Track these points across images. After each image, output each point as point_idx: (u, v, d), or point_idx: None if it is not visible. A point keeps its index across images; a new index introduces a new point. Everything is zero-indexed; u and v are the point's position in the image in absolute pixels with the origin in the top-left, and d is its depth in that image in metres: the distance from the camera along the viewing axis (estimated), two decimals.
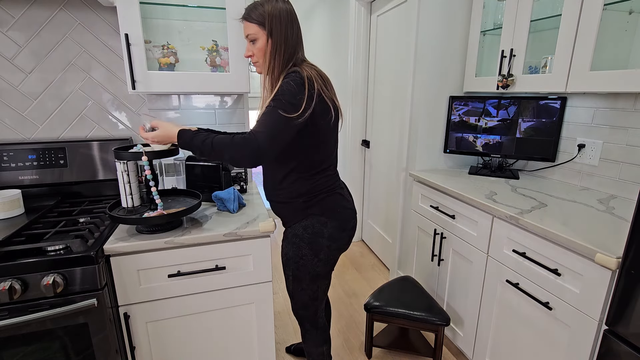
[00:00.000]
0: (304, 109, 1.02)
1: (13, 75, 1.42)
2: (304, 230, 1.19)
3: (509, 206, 1.39)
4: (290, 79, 1.04)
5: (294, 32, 1.10)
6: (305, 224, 1.19)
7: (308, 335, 1.38)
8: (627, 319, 0.95)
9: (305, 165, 1.16)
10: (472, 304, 1.61)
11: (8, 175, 1.41)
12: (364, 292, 2.43)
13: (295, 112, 1.01)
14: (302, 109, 1.02)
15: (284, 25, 1.07)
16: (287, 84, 1.03)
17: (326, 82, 1.12)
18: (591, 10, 1.31)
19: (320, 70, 1.13)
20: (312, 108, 1.04)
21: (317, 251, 1.19)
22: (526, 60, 1.65)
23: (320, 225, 1.18)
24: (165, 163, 1.54)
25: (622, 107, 1.49)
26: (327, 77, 1.14)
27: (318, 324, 1.36)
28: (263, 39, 1.08)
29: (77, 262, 1.02)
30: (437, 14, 1.92)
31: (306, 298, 1.28)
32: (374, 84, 2.75)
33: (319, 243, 1.19)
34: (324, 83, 1.10)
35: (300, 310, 1.32)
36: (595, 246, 1.04)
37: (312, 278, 1.23)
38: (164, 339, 1.23)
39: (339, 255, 1.26)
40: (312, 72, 1.07)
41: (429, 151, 2.12)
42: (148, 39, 1.42)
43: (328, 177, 1.21)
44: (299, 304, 1.31)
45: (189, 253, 1.17)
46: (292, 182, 1.18)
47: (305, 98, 1.02)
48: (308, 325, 1.36)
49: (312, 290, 1.26)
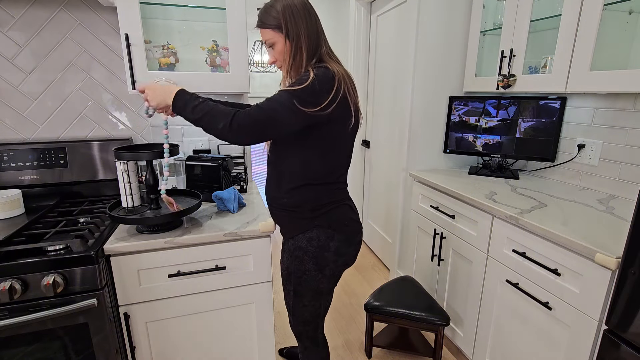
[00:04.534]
0: (322, 107, 0.93)
1: (13, 75, 1.42)
2: (308, 243, 1.09)
3: (509, 206, 1.39)
4: (319, 72, 0.94)
5: (313, 24, 1.01)
6: (310, 236, 1.09)
7: (307, 352, 1.30)
8: (627, 319, 0.95)
9: (316, 172, 1.06)
10: (472, 303, 1.61)
11: (8, 175, 1.41)
12: (364, 292, 2.43)
13: (311, 108, 0.93)
14: (322, 106, 0.93)
15: (300, 20, 0.99)
16: (309, 77, 0.93)
17: (352, 85, 1.02)
18: (591, 10, 1.31)
19: (347, 70, 1.04)
20: (332, 109, 0.95)
21: (322, 266, 1.10)
22: (526, 60, 1.65)
23: (327, 238, 1.09)
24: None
25: (622, 107, 1.49)
26: (352, 79, 1.04)
27: (318, 341, 1.29)
28: (281, 41, 1.01)
29: (77, 262, 1.02)
30: (437, 14, 1.92)
31: (307, 315, 1.20)
32: (374, 84, 2.75)
33: (324, 257, 1.09)
34: (352, 85, 1.01)
35: (300, 327, 1.24)
36: (595, 246, 1.04)
37: (315, 295, 1.15)
38: (164, 339, 1.23)
39: (344, 270, 1.18)
40: (341, 70, 0.98)
41: (429, 151, 2.12)
42: (148, 39, 1.43)
43: (338, 188, 1.12)
44: (299, 320, 1.22)
45: (189, 253, 1.17)
46: (299, 188, 1.08)
47: (329, 96, 0.94)
48: (308, 342, 1.28)
49: (314, 307, 1.18)
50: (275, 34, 1.01)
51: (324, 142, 1.03)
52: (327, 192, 1.09)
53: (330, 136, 1.02)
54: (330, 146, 1.04)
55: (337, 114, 0.98)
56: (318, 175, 1.07)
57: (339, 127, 1.02)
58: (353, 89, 1.02)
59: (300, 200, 1.09)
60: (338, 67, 0.98)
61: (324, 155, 1.05)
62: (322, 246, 1.09)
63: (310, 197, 1.08)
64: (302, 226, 1.10)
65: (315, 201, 1.08)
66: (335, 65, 0.99)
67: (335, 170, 1.09)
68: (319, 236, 1.09)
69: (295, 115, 0.93)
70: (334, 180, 1.10)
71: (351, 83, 1.01)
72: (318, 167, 1.06)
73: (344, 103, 0.98)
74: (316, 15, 1.04)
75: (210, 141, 1.72)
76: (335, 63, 1.01)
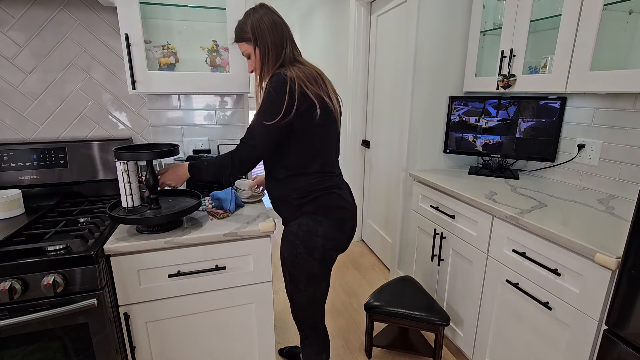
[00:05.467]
0: (284, 113, 1.06)
1: (13, 75, 1.42)
2: (298, 228, 1.18)
3: (509, 206, 1.39)
4: (270, 85, 1.08)
5: (279, 35, 1.14)
6: (299, 222, 1.18)
7: (307, 341, 1.35)
8: (627, 319, 0.95)
9: (296, 163, 1.16)
10: (472, 303, 1.61)
11: (8, 175, 1.41)
12: (364, 292, 2.43)
13: (274, 118, 1.06)
14: (282, 113, 1.06)
15: (266, 32, 1.12)
16: (267, 91, 1.08)
17: (313, 80, 1.12)
18: (591, 10, 1.31)
19: (311, 69, 1.14)
20: (294, 108, 1.06)
21: (312, 250, 1.17)
22: (526, 60, 1.65)
23: (315, 223, 1.17)
24: (165, 163, 1.54)
25: (622, 107, 1.49)
26: (317, 74, 1.14)
27: (318, 329, 1.33)
28: (254, 52, 1.16)
29: (77, 262, 1.02)
30: (437, 14, 1.92)
31: (304, 300, 1.26)
32: (374, 84, 2.75)
33: (313, 241, 1.17)
34: (311, 80, 1.11)
35: (299, 313, 1.30)
36: (595, 246, 1.04)
37: (309, 279, 1.21)
38: (164, 339, 1.23)
39: (336, 255, 1.24)
40: (295, 72, 1.08)
41: (429, 151, 2.12)
42: (148, 39, 1.43)
43: (325, 176, 1.20)
44: (297, 306, 1.28)
45: (189, 253, 1.17)
46: (285, 179, 1.18)
47: (285, 100, 1.05)
48: (307, 330, 1.33)
49: (310, 292, 1.24)
50: (248, 46, 1.16)
51: (295, 135, 1.12)
52: (312, 180, 1.18)
53: (300, 129, 1.11)
54: (302, 138, 1.13)
55: (302, 108, 1.08)
56: (298, 166, 1.17)
57: (306, 120, 1.10)
58: (314, 83, 1.11)
59: (287, 189, 1.19)
60: (294, 70, 1.09)
61: (299, 147, 1.15)
62: (310, 231, 1.17)
63: (294, 186, 1.18)
64: (292, 213, 1.21)
65: (301, 190, 1.18)
66: (293, 69, 1.10)
67: (316, 159, 1.17)
68: (308, 222, 1.18)
69: (270, 131, 1.08)
70: (318, 169, 1.18)
71: (311, 79, 1.11)
72: (297, 159, 1.16)
73: (303, 98, 1.07)
74: (285, 27, 1.16)
75: (210, 141, 1.72)
76: (295, 66, 1.12)
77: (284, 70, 1.09)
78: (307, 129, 1.12)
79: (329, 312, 2.20)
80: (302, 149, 1.15)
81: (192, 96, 1.66)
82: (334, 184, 1.21)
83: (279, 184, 1.20)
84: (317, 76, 1.14)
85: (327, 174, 1.21)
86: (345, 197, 1.24)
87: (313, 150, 1.16)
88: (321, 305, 1.30)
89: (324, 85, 1.16)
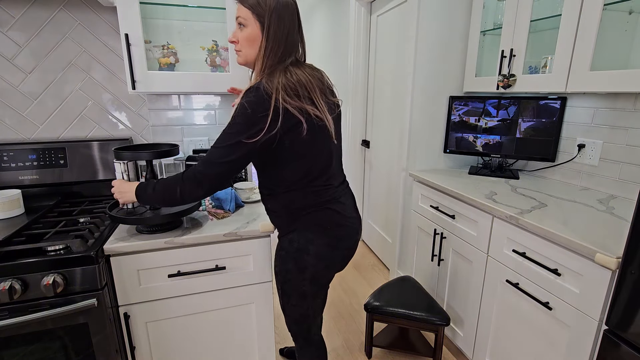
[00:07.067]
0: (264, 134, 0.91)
1: (13, 75, 1.42)
2: (289, 244, 1.08)
3: (509, 206, 1.39)
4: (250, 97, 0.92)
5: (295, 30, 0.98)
6: (291, 237, 1.08)
7: (302, 351, 1.28)
8: (627, 319, 0.94)
9: (285, 180, 1.04)
10: (472, 303, 1.61)
11: (8, 175, 1.41)
12: (364, 292, 2.43)
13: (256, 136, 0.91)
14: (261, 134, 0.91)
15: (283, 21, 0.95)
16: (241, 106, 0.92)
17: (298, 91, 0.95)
18: (591, 10, 1.31)
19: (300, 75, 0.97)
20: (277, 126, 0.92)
21: (302, 269, 1.08)
22: (526, 60, 1.65)
23: (305, 241, 1.06)
24: (165, 163, 1.54)
25: (622, 107, 1.49)
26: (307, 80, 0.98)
27: (312, 341, 1.26)
28: (253, 27, 0.96)
29: (77, 262, 1.02)
30: (437, 14, 1.92)
31: (297, 314, 1.17)
32: (374, 84, 2.75)
33: (304, 260, 1.07)
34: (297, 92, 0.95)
35: (293, 326, 1.22)
36: (595, 246, 1.04)
37: (299, 296, 1.12)
38: (164, 339, 1.23)
39: (331, 275, 1.14)
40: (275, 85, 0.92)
41: (429, 151, 2.12)
42: (148, 39, 1.43)
43: (317, 191, 1.06)
44: (290, 319, 1.20)
45: (189, 253, 1.17)
46: (275, 195, 1.08)
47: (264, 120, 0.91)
48: (302, 342, 1.26)
49: (302, 308, 1.15)
50: (251, 17, 0.95)
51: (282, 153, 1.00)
52: (303, 196, 1.06)
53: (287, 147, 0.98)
54: (290, 155, 1.00)
55: (286, 127, 0.94)
56: (286, 184, 1.05)
57: (292, 136, 0.97)
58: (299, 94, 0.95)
59: (277, 205, 1.09)
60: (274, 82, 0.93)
61: (286, 164, 1.02)
62: (301, 249, 1.07)
63: (284, 202, 1.07)
64: (284, 228, 1.11)
65: (291, 205, 1.07)
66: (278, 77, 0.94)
67: (307, 175, 1.04)
68: (299, 239, 1.07)
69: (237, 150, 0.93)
70: (309, 184, 1.05)
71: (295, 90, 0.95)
72: (285, 176, 1.04)
73: (286, 115, 0.93)
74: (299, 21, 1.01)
75: (210, 141, 1.72)
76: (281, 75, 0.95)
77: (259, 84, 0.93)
78: (295, 144, 0.98)
79: (329, 312, 2.20)
80: (291, 166, 1.02)
81: (192, 96, 1.65)
82: (330, 198, 1.09)
83: (269, 199, 1.11)
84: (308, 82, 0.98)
85: (322, 188, 1.08)
86: (344, 211, 1.11)
87: (303, 167, 1.03)
88: (315, 319, 1.22)
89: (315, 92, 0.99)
